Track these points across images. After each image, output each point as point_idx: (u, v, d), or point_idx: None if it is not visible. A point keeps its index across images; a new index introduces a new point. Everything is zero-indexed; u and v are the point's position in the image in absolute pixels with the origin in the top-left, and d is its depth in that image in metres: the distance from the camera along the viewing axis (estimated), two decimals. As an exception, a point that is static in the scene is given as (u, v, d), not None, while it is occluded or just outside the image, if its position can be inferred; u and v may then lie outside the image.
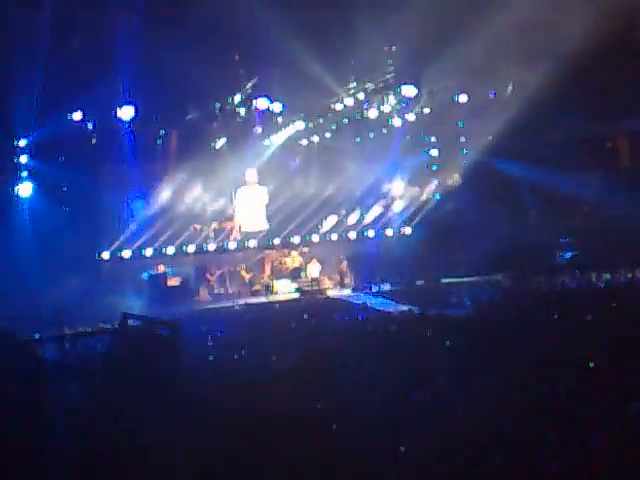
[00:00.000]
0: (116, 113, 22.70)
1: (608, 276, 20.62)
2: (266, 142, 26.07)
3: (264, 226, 26.32)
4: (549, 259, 24.30)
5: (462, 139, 27.05)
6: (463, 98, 25.33)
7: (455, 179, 26.93)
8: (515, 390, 9.01)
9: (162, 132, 24.46)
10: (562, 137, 24.73)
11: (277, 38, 21.61)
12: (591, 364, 10.44)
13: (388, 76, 24.57)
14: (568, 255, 24.50)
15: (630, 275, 20.59)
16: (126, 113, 22.69)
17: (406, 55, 23.83)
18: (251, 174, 26.19)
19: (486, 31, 22.07)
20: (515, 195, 25.00)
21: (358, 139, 27.38)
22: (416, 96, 24.67)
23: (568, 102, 23.68)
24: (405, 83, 23.96)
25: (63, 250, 21.82)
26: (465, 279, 22.61)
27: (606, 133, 26.20)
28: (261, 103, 24.27)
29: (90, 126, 22.94)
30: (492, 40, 22.41)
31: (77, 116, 22.16)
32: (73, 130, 22.49)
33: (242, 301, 22.89)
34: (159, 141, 24.50)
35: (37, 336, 17.86)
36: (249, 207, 26.37)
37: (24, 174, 22.95)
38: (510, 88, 24.96)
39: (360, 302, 20.41)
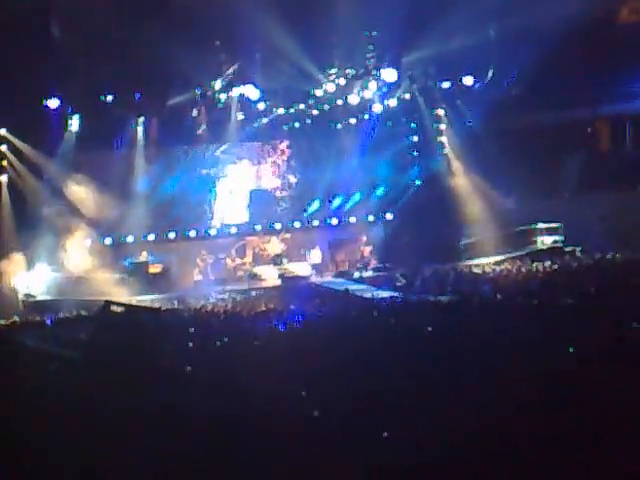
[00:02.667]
0: (96, 99, 22.60)
1: (589, 260, 20.81)
2: (246, 129, 26.06)
3: (244, 218, 26.50)
4: (529, 244, 24.52)
5: (442, 126, 27.05)
6: (445, 84, 25.39)
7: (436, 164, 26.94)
8: (494, 377, 9.07)
9: (142, 119, 24.34)
10: (542, 121, 24.82)
11: (257, 23, 21.55)
12: (571, 349, 10.56)
13: (369, 63, 24.56)
14: (550, 239, 24.70)
15: (611, 258, 20.82)
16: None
17: (387, 40, 23.83)
18: (237, 168, 26.44)
19: (466, 15, 22.14)
20: (494, 180, 25.03)
21: (340, 125, 27.32)
22: (397, 81, 24.66)
23: (548, 86, 23.78)
24: (384, 66, 23.92)
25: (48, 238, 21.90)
26: (447, 264, 22.69)
27: (586, 117, 26.31)
28: (247, 91, 24.22)
29: (69, 111, 22.83)
30: (471, 24, 22.48)
31: (53, 103, 22.02)
32: (52, 117, 22.37)
33: (226, 287, 22.95)
34: (139, 127, 24.38)
35: (17, 322, 17.93)
36: (230, 199, 26.52)
37: (4, 163, 22.92)
38: (490, 73, 24.98)
39: (342, 288, 20.49)
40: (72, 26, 20.83)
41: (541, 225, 24.74)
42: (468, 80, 25.30)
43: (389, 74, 24.09)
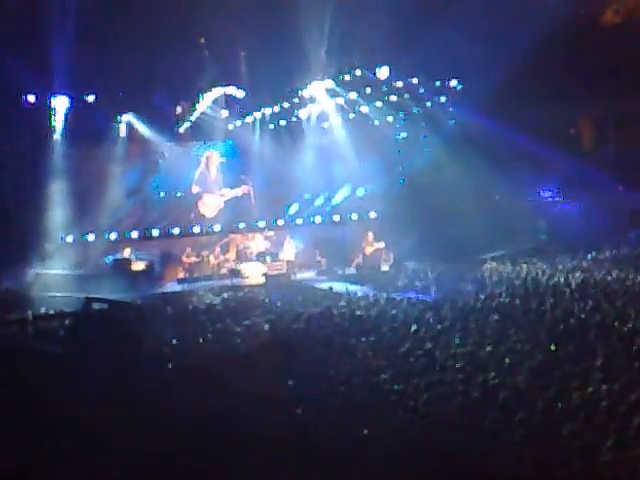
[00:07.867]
0: (79, 96, 22.54)
1: (574, 262, 20.89)
2: (230, 126, 26.00)
3: (227, 215, 26.46)
4: (513, 243, 24.62)
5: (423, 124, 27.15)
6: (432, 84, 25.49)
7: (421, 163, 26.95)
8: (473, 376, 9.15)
9: (126, 116, 24.22)
10: (526, 122, 24.91)
11: (243, 21, 21.49)
12: (552, 347, 10.64)
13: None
14: (536, 240, 24.85)
15: (594, 256, 20.97)
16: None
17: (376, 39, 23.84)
18: (212, 157, 26.41)
19: (450, 17, 22.20)
20: (480, 181, 25.07)
21: (326, 123, 27.22)
22: (385, 80, 24.70)
23: (532, 87, 23.86)
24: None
25: (28, 233, 21.77)
26: (428, 263, 22.67)
27: (569, 119, 26.46)
28: (230, 90, 24.29)
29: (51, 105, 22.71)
30: (455, 26, 22.51)
31: (31, 99, 21.99)
32: (31, 112, 22.29)
33: (209, 285, 22.87)
34: (122, 124, 24.30)
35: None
36: (213, 196, 26.51)
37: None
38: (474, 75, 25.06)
39: (326, 286, 20.49)
40: (54, 20, 20.68)
41: (524, 224, 24.90)
42: (453, 82, 25.48)
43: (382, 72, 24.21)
